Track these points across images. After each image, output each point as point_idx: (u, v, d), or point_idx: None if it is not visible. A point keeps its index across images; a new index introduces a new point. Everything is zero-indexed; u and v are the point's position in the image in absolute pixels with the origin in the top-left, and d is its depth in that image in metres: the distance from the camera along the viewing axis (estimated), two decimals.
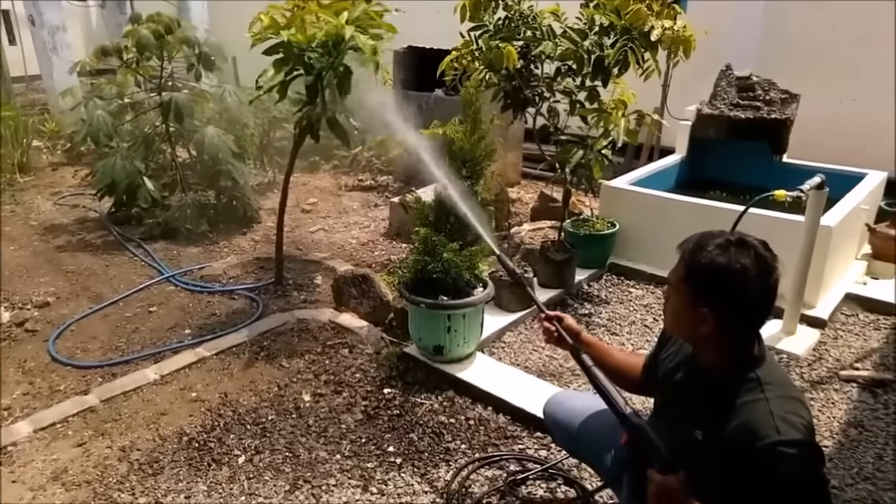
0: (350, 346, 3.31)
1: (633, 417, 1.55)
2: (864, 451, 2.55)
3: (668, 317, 1.63)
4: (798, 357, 3.19)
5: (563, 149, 3.73)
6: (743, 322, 1.48)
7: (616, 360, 1.94)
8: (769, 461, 1.34)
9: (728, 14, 5.66)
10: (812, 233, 3.18)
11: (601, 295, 3.91)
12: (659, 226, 3.99)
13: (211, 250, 4.67)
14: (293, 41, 2.94)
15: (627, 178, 4.46)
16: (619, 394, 1.62)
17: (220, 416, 2.78)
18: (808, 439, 1.38)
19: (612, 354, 1.97)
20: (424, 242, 3.01)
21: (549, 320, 1.91)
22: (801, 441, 1.36)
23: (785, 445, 1.34)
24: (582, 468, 2.42)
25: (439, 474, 2.44)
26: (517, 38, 3.63)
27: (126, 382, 3.00)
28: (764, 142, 4.53)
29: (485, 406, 2.83)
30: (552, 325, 1.90)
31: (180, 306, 3.81)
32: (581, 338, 1.90)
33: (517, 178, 6.26)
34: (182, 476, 2.43)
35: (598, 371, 1.67)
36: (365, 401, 2.88)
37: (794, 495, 1.35)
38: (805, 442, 1.37)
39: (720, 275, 1.43)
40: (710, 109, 4.67)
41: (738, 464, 1.39)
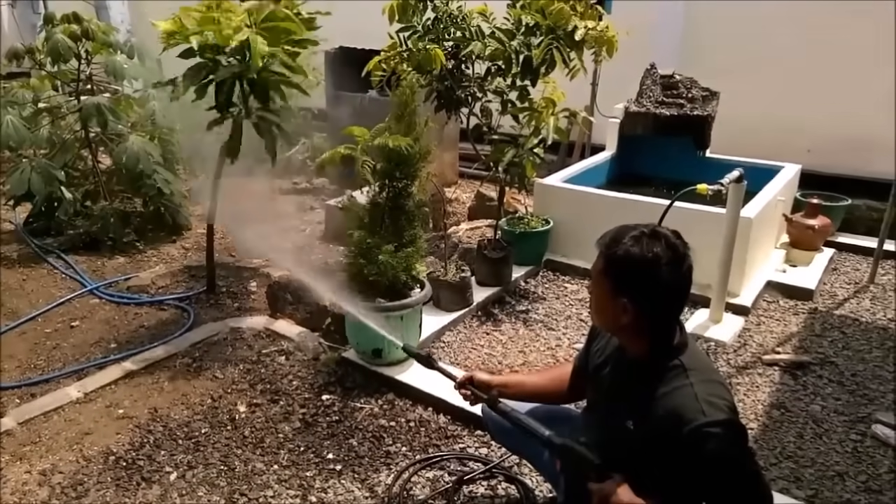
0: (287, 353, 3.24)
1: (555, 438, 1.61)
2: (787, 431, 2.68)
3: (592, 310, 1.69)
4: (725, 344, 3.33)
5: (496, 148, 3.77)
6: (660, 310, 1.54)
7: (536, 386, 2.01)
8: (697, 442, 1.40)
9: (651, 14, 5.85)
10: (733, 224, 3.31)
11: (538, 291, 3.97)
12: (591, 221, 4.01)
13: (138, 260, 4.49)
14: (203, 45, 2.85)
15: (560, 176, 4.54)
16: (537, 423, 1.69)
17: (149, 432, 2.67)
18: (732, 418, 1.44)
19: (530, 383, 2.04)
20: (359, 245, 2.98)
21: (462, 386, 1.98)
22: (726, 420, 1.42)
23: (711, 426, 1.40)
24: (522, 464, 2.44)
25: (380, 479, 2.42)
26: (446, 39, 3.65)
27: (46, 402, 2.84)
28: (688, 138, 4.71)
29: (425, 407, 2.83)
30: (466, 389, 1.97)
31: (105, 320, 3.64)
32: (495, 384, 1.95)
33: (454, 178, 6.29)
34: (109, 498, 2.32)
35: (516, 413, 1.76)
36: (303, 408, 2.83)
37: (725, 472, 1.42)
38: (729, 421, 1.43)
39: (634, 265, 1.49)
40: (636, 107, 4.81)
41: (669, 449, 1.44)
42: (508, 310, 3.73)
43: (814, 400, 2.88)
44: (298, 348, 3.26)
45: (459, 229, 4.82)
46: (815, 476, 2.42)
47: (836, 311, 3.71)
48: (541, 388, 2.00)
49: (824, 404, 2.85)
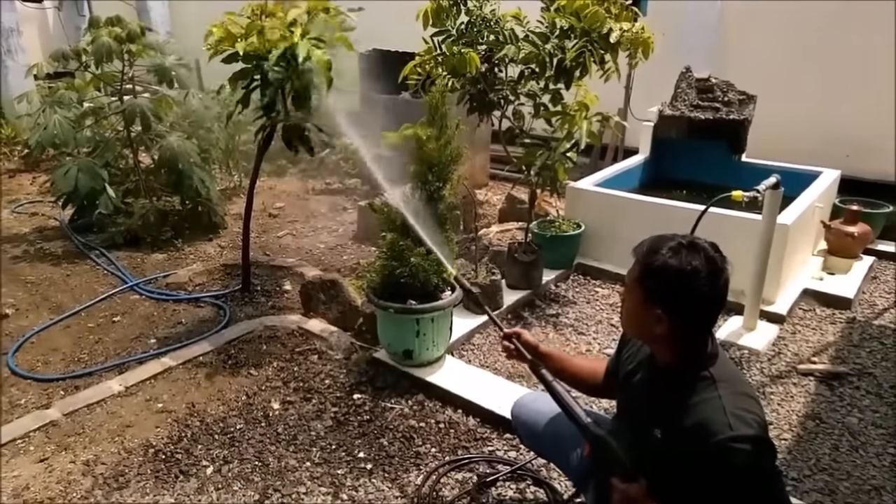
0: (319, 352, 3.30)
1: (594, 428, 1.60)
2: (822, 443, 2.64)
3: (624, 318, 1.68)
4: (758, 352, 3.28)
5: (528, 151, 3.78)
6: (695, 321, 1.53)
7: (575, 368, 2.01)
8: (722, 456, 1.39)
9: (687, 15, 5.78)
10: (769, 231, 3.27)
11: (568, 295, 3.97)
12: (623, 226, 4.07)
13: (176, 257, 4.60)
14: (249, 52, 2.92)
15: (592, 180, 4.53)
16: (579, 405, 1.67)
17: (187, 426, 2.75)
18: (759, 434, 1.43)
19: (570, 363, 2.03)
20: (392, 247, 3.02)
21: (508, 338, 1.97)
22: (753, 436, 1.41)
23: (737, 441, 1.39)
24: (550, 468, 2.45)
25: (410, 479, 2.45)
26: (480, 43, 3.66)
27: (89, 395, 2.94)
28: (723, 142, 4.65)
29: (454, 409, 2.85)
30: (511, 342, 1.96)
31: (145, 315, 3.75)
32: (540, 351, 1.95)
33: (485, 180, 6.30)
34: (149, 489, 2.40)
35: (557, 385, 1.72)
36: (335, 407, 2.88)
37: (747, 488, 1.40)
38: (757, 437, 1.42)
39: (672, 276, 1.48)
40: (671, 111, 4.77)
41: (694, 460, 1.44)
42: (538, 313, 3.73)
43: (850, 412, 2.83)
44: (331, 347, 3.32)
45: (490, 231, 4.84)
46: (851, 489, 2.38)
47: (876, 322, 3.63)
48: (578, 371, 2.00)
49: (861, 416, 2.80)
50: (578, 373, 1.99)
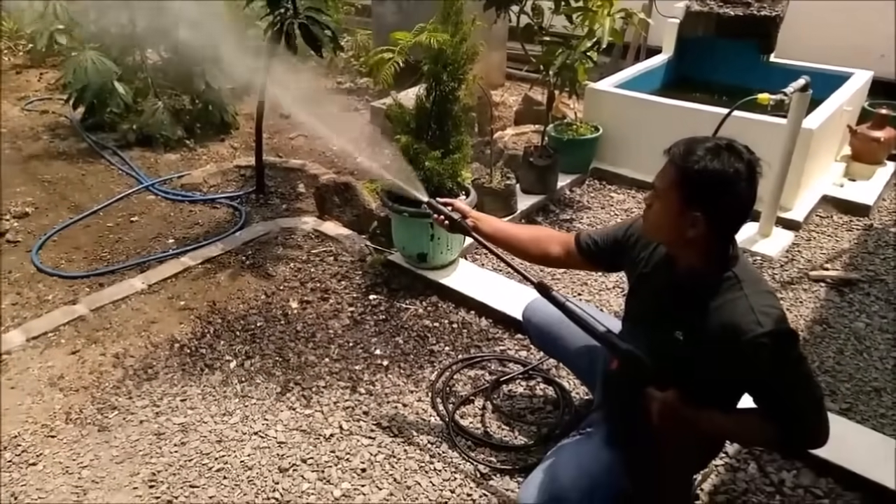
0: (335, 254, 3.35)
1: (621, 342, 1.62)
2: (827, 347, 2.70)
3: (650, 222, 1.65)
4: (771, 259, 3.29)
5: (547, 50, 3.63)
6: (731, 224, 1.54)
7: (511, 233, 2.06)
8: (755, 352, 1.45)
9: None
10: (793, 136, 3.18)
11: (583, 200, 3.94)
12: (642, 129, 3.97)
13: (189, 158, 4.59)
14: None
15: (612, 80, 4.37)
16: (592, 316, 1.68)
17: (209, 323, 2.85)
18: (786, 327, 1.50)
19: (506, 227, 2.09)
20: (405, 151, 2.98)
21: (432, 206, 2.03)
22: (781, 330, 1.48)
23: (767, 336, 1.44)
24: (560, 367, 2.54)
25: (424, 375, 2.56)
26: None
27: (114, 292, 3.04)
28: (752, 41, 4.43)
29: (468, 310, 2.92)
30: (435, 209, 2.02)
31: (162, 216, 3.80)
32: (472, 215, 2.04)
33: (501, 80, 6.11)
34: (176, 381, 2.53)
35: (573, 304, 1.72)
36: (351, 307, 2.96)
37: (783, 377, 1.48)
38: (785, 330, 1.49)
39: (715, 179, 1.46)
40: (699, 6, 4.51)
41: (724, 359, 1.50)
42: (552, 218, 3.73)
43: (858, 317, 2.87)
44: (346, 250, 3.37)
45: (505, 134, 4.74)
46: (852, 391, 2.46)
47: (893, 229, 3.60)
48: (515, 239, 2.04)
49: (869, 322, 2.84)
50: (514, 238, 2.04)
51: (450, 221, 2.00)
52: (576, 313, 1.70)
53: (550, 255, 2.02)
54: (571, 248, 1.97)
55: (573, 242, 1.97)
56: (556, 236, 2.05)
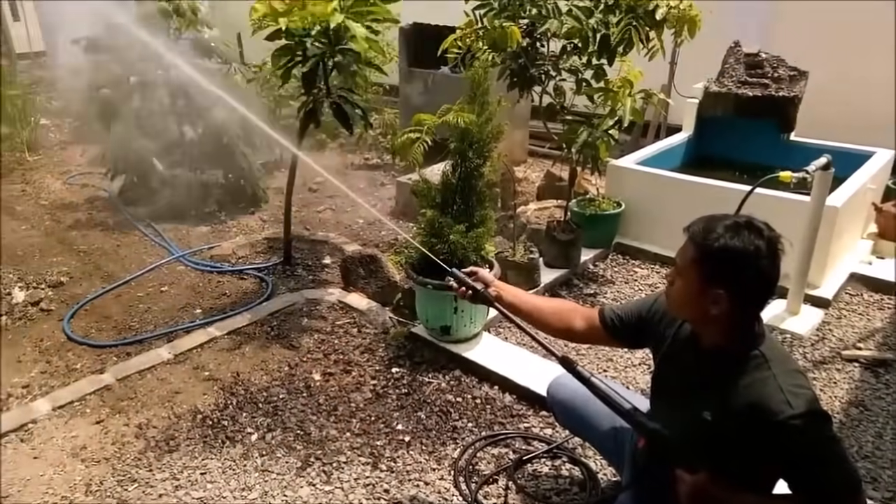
0: (359, 325, 3.36)
1: (648, 421, 1.59)
2: (865, 430, 2.60)
3: (673, 299, 1.65)
4: (801, 337, 3.23)
5: (570, 128, 3.73)
6: (754, 302, 1.54)
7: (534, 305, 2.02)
8: (786, 434, 1.42)
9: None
10: (818, 213, 3.19)
11: (606, 275, 3.94)
12: (665, 205, 4.01)
13: (220, 230, 4.72)
14: (292, 29, 2.94)
15: (633, 157, 4.46)
16: (618, 393, 1.66)
17: (232, 394, 2.85)
18: (817, 409, 1.47)
19: (529, 299, 2.06)
20: (431, 224, 3.04)
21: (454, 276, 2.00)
22: (812, 411, 1.44)
23: (798, 418, 1.41)
24: (586, 447, 2.47)
25: (447, 452, 2.51)
26: (522, 17, 3.61)
27: (141, 361, 3.07)
28: (772, 120, 4.51)
29: (491, 385, 2.89)
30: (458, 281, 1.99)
31: (191, 286, 3.87)
32: (496, 285, 2.00)
33: (523, 157, 6.26)
34: (197, 453, 2.51)
35: (598, 380, 1.70)
36: (374, 380, 2.94)
37: (815, 460, 1.44)
38: (815, 411, 1.45)
39: (735, 257, 1.47)
40: (717, 87, 4.64)
41: (757, 440, 1.46)
42: (576, 292, 3.73)
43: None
44: (370, 322, 3.38)
45: (528, 209, 4.81)
46: (895, 478, 2.35)
47: None
48: (538, 311, 2.00)
49: None
50: (537, 311, 2.00)
51: (472, 291, 1.98)
52: (601, 390, 1.68)
53: (574, 329, 2.00)
54: (595, 322, 1.96)
55: (597, 317, 1.96)
56: (580, 310, 2.05)
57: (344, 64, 3.13)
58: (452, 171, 3.10)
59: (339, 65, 3.13)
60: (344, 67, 3.16)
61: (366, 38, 2.98)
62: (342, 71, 3.19)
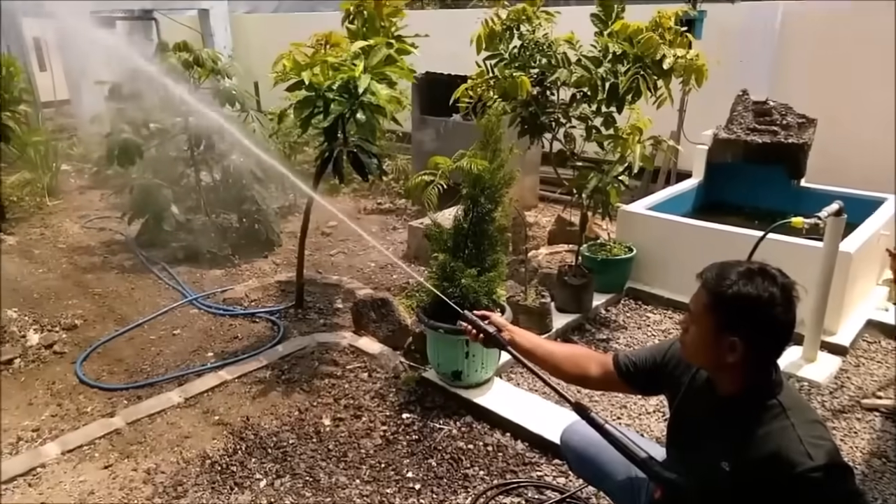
0: (369, 370, 3.35)
1: (664, 471, 1.56)
2: (889, 482, 2.52)
3: (688, 346, 1.64)
4: (819, 385, 3.17)
5: (580, 174, 3.77)
6: (770, 349, 1.52)
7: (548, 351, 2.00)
8: (806, 487, 1.39)
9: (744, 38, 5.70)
10: (831, 259, 3.17)
11: (619, 320, 3.92)
12: (676, 250, 4.00)
13: (233, 273, 4.76)
14: (314, 83, 3.03)
15: (644, 203, 4.48)
16: (633, 441, 1.64)
17: (241, 439, 2.83)
18: (837, 461, 1.43)
19: (544, 345, 2.04)
20: (443, 268, 3.05)
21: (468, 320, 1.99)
22: (833, 464, 1.41)
23: (819, 470, 1.38)
24: (600, 496, 2.42)
25: (458, 501, 2.46)
26: (532, 66, 3.70)
27: (151, 405, 3.06)
28: (781, 166, 4.53)
29: (503, 432, 2.85)
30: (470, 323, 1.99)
31: (203, 329, 3.89)
32: (509, 329, 1.99)
33: (534, 202, 6.30)
34: (205, 499, 2.48)
35: (612, 427, 1.68)
36: (384, 425, 2.91)
37: None
38: (836, 464, 1.42)
39: (749, 304, 1.46)
40: (726, 134, 4.68)
41: (776, 492, 1.43)
42: (588, 337, 3.70)
43: None
44: (380, 366, 3.37)
45: (539, 253, 4.82)
46: None
47: None
48: (552, 357, 1.97)
49: None
50: (551, 358, 1.98)
51: (485, 335, 1.97)
52: (616, 437, 1.66)
53: (588, 375, 1.97)
54: (609, 368, 1.94)
55: (611, 363, 1.94)
56: (594, 356, 2.03)
57: (364, 119, 3.21)
58: (464, 216, 3.13)
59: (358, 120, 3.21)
60: (364, 123, 3.24)
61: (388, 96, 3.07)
62: (361, 125, 3.27)
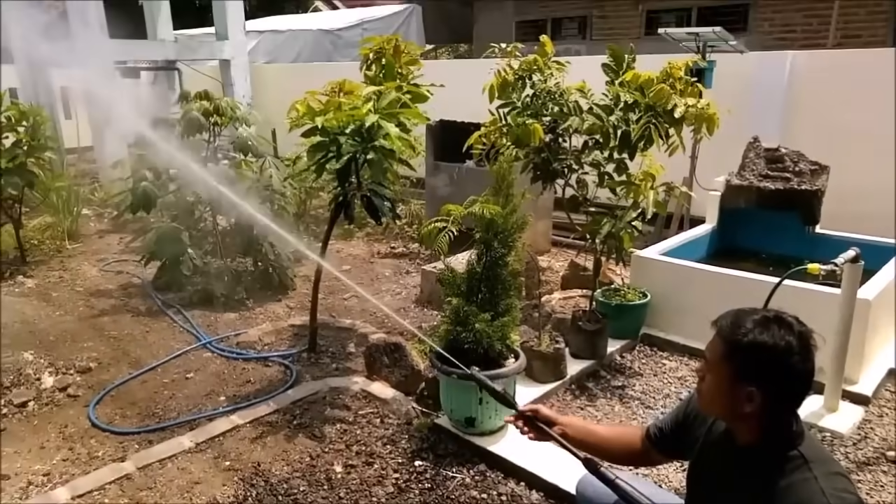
0: (382, 415, 3.32)
1: None
2: None
3: (704, 396, 1.62)
4: (842, 436, 3.09)
5: (593, 219, 3.78)
6: (788, 399, 1.49)
7: (601, 437, 1.96)
8: None
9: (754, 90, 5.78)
10: (849, 306, 3.13)
11: (634, 366, 3.87)
12: (691, 296, 3.98)
13: (247, 317, 4.78)
14: (327, 127, 3.11)
15: (658, 248, 4.47)
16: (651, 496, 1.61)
17: (252, 486, 2.79)
18: None
19: (596, 432, 1.98)
20: (456, 313, 3.05)
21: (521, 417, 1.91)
22: None
23: None
24: None
25: None
26: (544, 114, 3.76)
27: (162, 450, 3.04)
28: (795, 212, 4.53)
29: (517, 481, 2.79)
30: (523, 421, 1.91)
31: (216, 373, 3.88)
32: (560, 422, 1.90)
33: (547, 247, 6.32)
34: None
35: (623, 481, 1.66)
36: (396, 473, 2.87)
37: None
38: None
39: (765, 352, 1.44)
40: (739, 180, 4.71)
41: None
42: (603, 384, 3.65)
43: None
44: (393, 412, 3.33)
45: (552, 298, 4.81)
46: None
47: None
48: (605, 442, 1.94)
49: None
50: (604, 442, 1.94)
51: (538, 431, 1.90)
52: (628, 492, 1.62)
53: (634, 452, 1.95)
54: (645, 441, 1.92)
55: (644, 434, 1.93)
56: (638, 432, 1.99)
57: (376, 161, 3.27)
58: (478, 260, 3.15)
59: (371, 161, 3.27)
60: (376, 164, 3.30)
61: (398, 136, 3.13)
62: (374, 167, 3.33)
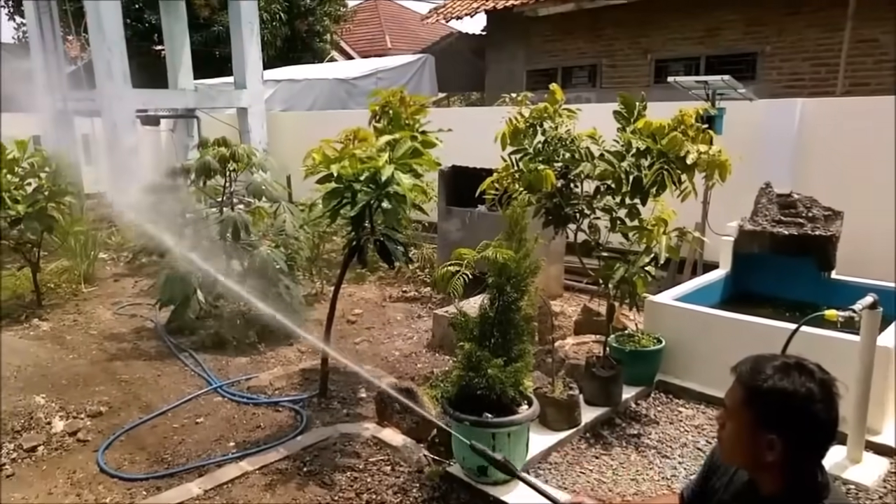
0: (393, 463, 3.26)
1: None
2: None
3: (725, 444, 1.59)
4: (867, 489, 2.98)
5: (606, 264, 3.78)
6: (811, 448, 1.45)
7: None
8: None
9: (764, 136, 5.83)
10: (869, 354, 3.07)
11: (650, 414, 3.80)
12: (707, 342, 3.93)
13: (258, 361, 4.76)
14: (342, 174, 3.17)
15: (672, 294, 4.44)
16: None
17: None
18: None
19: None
20: (468, 358, 3.03)
21: None
22: None
23: None
24: None
25: None
26: (556, 160, 3.80)
27: (170, 497, 3.00)
28: (810, 258, 4.50)
29: None
30: None
31: (226, 418, 3.85)
32: None
33: (560, 291, 6.29)
34: None
35: None
36: None
37: None
38: None
39: (786, 399, 1.42)
40: (752, 226, 4.70)
41: None
42: (619, 433, 3.58)
43: None
44: (404, 459, 3.27)
45: (565, 343, 4.76)
46: None
47: None
48: None
49: None
50: None
51: None
52: None
53: None
54: None
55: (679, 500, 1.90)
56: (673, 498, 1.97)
57: (390, 208, 3.32)
58: (490, 305, 3.14)
59: (385, 209, 3.32)
60: (389, 211, 3.34)
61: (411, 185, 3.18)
62: (387, 214, 3.37)
